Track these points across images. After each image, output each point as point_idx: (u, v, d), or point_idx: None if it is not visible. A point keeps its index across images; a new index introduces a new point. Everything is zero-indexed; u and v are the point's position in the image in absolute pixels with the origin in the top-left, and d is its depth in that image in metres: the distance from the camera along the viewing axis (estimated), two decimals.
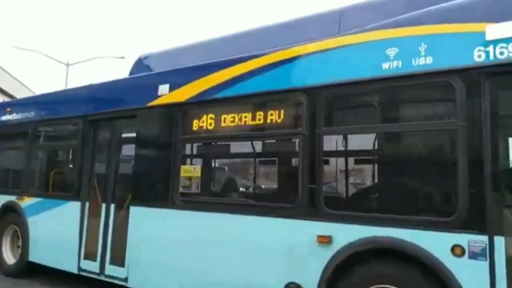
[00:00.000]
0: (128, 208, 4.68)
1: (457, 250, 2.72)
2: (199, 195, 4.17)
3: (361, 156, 3.66)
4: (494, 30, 2.73)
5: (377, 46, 3.18)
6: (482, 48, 2.76)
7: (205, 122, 4.18)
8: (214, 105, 4.13)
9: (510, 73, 2.68)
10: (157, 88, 4.61)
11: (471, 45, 2.80)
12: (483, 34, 2.76)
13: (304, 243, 3.33)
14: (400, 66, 3.06)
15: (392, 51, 3.12)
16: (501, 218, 2.67)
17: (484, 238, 2.64)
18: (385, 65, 3.12)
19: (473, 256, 2.67)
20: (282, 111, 3.62)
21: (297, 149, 3.55)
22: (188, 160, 4.65)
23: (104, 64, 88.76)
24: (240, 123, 3.91)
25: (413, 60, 3.01)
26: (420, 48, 3.00)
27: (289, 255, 3.40)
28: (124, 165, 5.04)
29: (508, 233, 2.64)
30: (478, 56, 2.77)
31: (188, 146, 4.55)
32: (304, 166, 3.40)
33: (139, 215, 4.49)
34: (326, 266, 3.19)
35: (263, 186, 4.71)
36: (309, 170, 3.37)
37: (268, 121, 3.71)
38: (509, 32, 2.67)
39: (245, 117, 3.87)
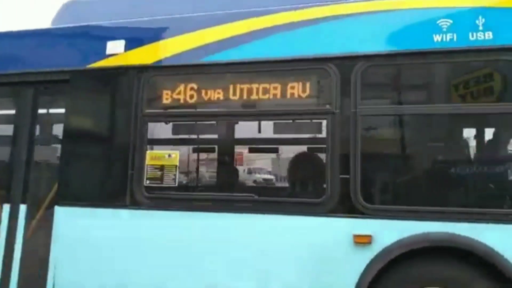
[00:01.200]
0: (50, 209, 3.34)
1: None
2: (177, 190, 3.14)
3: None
4: None
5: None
6: None
7: (183, 93, 3.18)
8: (200, 71, 3.17)
9: None
10: (104, 44, 3.37)
11: None
12: None
13: (335, 246, 2.74)
14: (455, 39, 2.71)
15: (444, 22, 2.75)
16: None
17: None
18: (437, 38, 2.74)
19: None
20: (305, 84, 2.93)
21: (324, 131, 2.91)
22: (159, 144, 3.54)
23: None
24: (239, 98, 3.06)
25: (470, 35, 2.70)
26: (477, 22, 2.70)
27: (313, 263, 2.76)
28: (44, 150, 3.60)
29: None
30: None
31: (158, 125, 3.44)
32: (333, 152, 2.80)
33: (71, 219, 3.21)
34: (365, 271, 2.67)
35: (277, 177, 3.83)
36: (341, 157, 2.78)
37: (282, 95, 2.97)
38: None
39: (249, 90, 3.04)
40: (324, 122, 2.87)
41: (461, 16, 2.72)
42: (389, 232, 2.65)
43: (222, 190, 3.68)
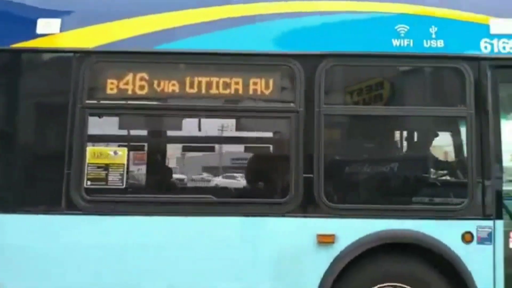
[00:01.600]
0: None
1: (467, 237, 2.73)
2: (125, 192, 2.79)
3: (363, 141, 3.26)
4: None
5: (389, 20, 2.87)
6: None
7: (132, 83, 2.84)
8: (154, 59, 2.87)
9: None
10: (34, 22, 2.88)
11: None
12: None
13: (299, 246, 2.70)
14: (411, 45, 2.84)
15: (401, 28, 2.88)
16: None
17: (490, 223, 2.74)
18: (395, 42, 2.85)
19: (481, 241, 2.74)
20: (269, 81, 2.82)
21: (287, 129, 2.83)
22: (102, 140, 3.11)
23: None
24: (197, 91, 2.84)
25: (424, 42, 2.86)
26: (431, 30, 2.87)
27: (277, 264, 2.69)
28: None
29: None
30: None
31: (102, 119, 3.02)
32: (297, 151, 2.75)
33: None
34: (328, 270, 2.67)
35: (237, 177, 3.54)
36: (305, 156, 2.74)
37: (244, 91, 2.83)
38: None
39: (208, 83, 2.83)
40: (288, 121, 2.80)
41: (417, 24, 2.87)
42: (352, 231, 2.69)
43: (176, 192, 3.40)
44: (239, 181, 3.19)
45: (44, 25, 2.87)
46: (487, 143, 2.77)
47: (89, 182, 2.73)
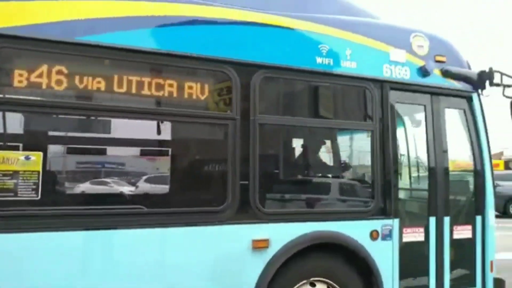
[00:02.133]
0: None
1: (374, 234, 3.14)
2: (38, 204, 2.31)
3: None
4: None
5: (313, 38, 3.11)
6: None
7: (46, 76, 2.42)
8: (76, 51, 2.49)
9: None
10: None
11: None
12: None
13: (236, 252, 2.70)
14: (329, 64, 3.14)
15: (323, 47, 3.16)
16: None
17: (390, 222, 3.22)
18: (319, 60, 3.12)
19: (384, 238, 3.19)
20: (206, 86, 2.74)
21: (223, 136, 2.79)
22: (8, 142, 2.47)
23: None
24: (126, 91, 2.57)
25: (342, 62, 3.20)
26: (347, 52, 3.23)
27: (216, 270, 2.64)
28: None
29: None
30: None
31: (8, 115, 2.41)
32: (234, 158, 2.75)
33: None
34: (263, 273, 2.75)
35: (173, 185, 3.10)
36: (241, 163, 2.76)
37: (180, 95, 2.69)
38: None
39: (138, 83, 2.59)
40: (225, 128, 2.78)
41: (336, 45, 3.20)
42: (283, 234, 2.83)
43: (102, 203, 2.95)
44: (173, 189, 2.99)
45: None
46: (388, 154, 3.25)
47: None
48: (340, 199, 3.37)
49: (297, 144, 3.40)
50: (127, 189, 3.02)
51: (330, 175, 3.46)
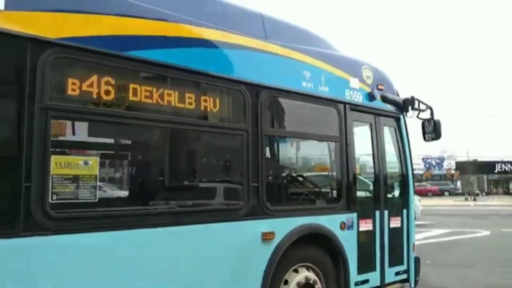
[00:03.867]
0: None
1: (342, 226, 3.93)
2: (94, 206, 2.44)
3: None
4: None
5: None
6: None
7: (97, 86, 2.58)
8: (121, 64, 2.69)
9: None
10: None
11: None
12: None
13: (250, 242, 3.20)
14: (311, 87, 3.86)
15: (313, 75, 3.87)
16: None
17: (352, 215, 4.05)
18: (305, 83, 3.81)
19: (348, 228, 3.99)
20: (223, 101, 3.19)
21: (240, 146, 3.25)
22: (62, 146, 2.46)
23: None
24: (163, 101, 2.87)
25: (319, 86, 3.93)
26: (321, 78, 3.98)
27: (234, 258, 3.09)
28: None
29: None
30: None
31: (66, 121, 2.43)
32: (248, 163, 3.24)
33: None
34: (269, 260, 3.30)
35: (198, 189, 3.19)
36: (253, 168, 3.27)
37: (204, 108, 3.09)
38: None
39: (169, 95, 2.91)
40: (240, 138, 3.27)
41: (315, 72, 3.93)
42: (285, 227, 3.41)
43: (142, 204, 3.03)
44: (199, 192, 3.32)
45: None
46: (350, 161, 4.10)
47: (54, 196, 2.31)
48: (321, 198, 4.10)
49: (291, 153, 4.05)
50: (170, 192, 3.29)
51: (313, 179, 4.18)
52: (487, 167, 45.47)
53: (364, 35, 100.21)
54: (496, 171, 45.06)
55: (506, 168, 44.18)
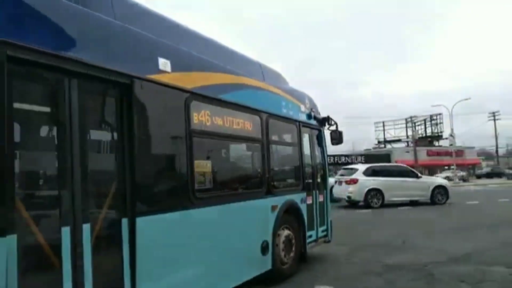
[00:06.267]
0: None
1: (302, 200, 6.17)
2: (213, 190, 4.14)
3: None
4: None
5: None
6: None
7: (206, 119, 4.21)
8: (216, 103, 4.35)
9: None
10: (156, 61, 3.61)
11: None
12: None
13: (266, 213, 5.17)
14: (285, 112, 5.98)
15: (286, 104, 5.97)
16: None
17: (304, 194, 6.32)
18: (284, 110, 5.90)
19: (304, 202, 6.25)
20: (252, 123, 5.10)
21: (262, 153, 5.17)
22: (202, 154, 3.98)
23: None
24: (236, 126, 4.69)
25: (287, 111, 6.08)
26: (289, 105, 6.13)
27: (257, 224, 5.03)
28: None
29: None
30: None
31: (197, 138, 3.94)
32: (264, 163, 5.19)
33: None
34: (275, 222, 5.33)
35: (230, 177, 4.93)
36: (266, 168, 5.25)
37: (244, 127, 4.93)
38: None
39: (239, 122, 4.74)
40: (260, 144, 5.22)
41: (285, 103, 6.04)
42: (281, 202, 5.47)
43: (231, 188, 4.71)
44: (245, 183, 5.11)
45: (163, 64, 3.67)
46: (304, 161, 6.38)
47: (197, 185, 3.95)
48: (292, 183, 6.25)
49: (278, 155, 6.05)
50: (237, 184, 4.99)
51: (288, 171, 6.32)
52: None
53: None
54: None
55: None
